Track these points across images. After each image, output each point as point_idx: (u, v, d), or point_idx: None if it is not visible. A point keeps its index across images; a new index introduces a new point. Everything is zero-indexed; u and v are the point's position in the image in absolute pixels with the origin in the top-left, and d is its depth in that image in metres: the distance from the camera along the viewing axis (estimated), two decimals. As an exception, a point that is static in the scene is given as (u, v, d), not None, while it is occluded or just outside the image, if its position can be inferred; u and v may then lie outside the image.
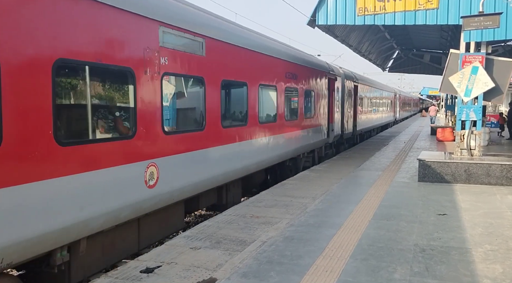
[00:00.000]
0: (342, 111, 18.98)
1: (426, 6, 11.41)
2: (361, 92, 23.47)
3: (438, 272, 5.10)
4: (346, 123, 19.62)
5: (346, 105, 19.59)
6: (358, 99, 22.53)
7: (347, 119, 19.89)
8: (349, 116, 20.25)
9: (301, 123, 13.67)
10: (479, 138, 11.41)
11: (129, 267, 5.30)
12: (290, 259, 5.51)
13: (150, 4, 6.50)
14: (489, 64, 10.87)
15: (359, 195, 9.33)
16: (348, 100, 20.04)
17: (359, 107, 22.72)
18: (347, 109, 19.90)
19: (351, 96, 20.75)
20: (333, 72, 17.47)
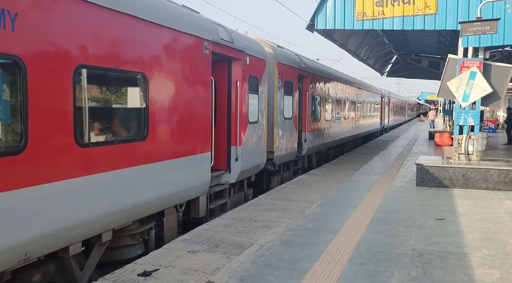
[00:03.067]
0: (268, 122, 11.34)
1: (424, 11, 11.48)
2: (315, 89, 15.43)
3: (436, 277, 5.10)
4: (279, 141, 11.90)
5: (276, 110, 11.66)
6: (309, 99, 14.46)
7: (283, 135, 12.22)
8: (288, 128, 12.55)
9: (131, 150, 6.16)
10: (477, 143, 11.45)
11: (127, 271, 5.29)
12: (288, 263, 5.51)
13: None
14: (487, 69, 10.92)
15: (357, 199, 9.34)
16: (285, 102, 12.32)
17: (308, 113, 14.54)
18: (280, 116, 12.00)
19: (292, 94, 12.88)
20: (226, 41, 8.50)
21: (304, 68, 13.93)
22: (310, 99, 14.86)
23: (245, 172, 9.72)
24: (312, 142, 15.14)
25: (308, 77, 14.40)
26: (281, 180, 12.58)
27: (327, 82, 17.13)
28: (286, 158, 12.60)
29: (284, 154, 12.38)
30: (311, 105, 15.00)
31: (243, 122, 9.48)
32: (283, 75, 12.09)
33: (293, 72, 12.93)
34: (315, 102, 15.67)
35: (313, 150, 15.45)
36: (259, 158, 10.45)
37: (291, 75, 12.76)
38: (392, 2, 11.73)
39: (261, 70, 10.43)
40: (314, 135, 15.51)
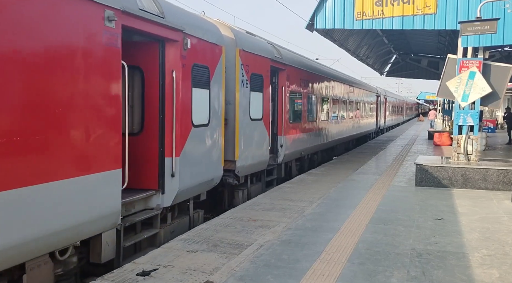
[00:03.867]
0: (228, 125, 9.30)
1: (424, 11, 11.47)
2: (295, 85, 13.30)
3: (435, 277, 5.10)
4: (244, 148, 9.70)
5: (238, 110, 9.47)
6: (286, 97, 12.32)
7: (250, 140, 10.03)
8: (256, 132, 10.41)
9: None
10: (476, 143, 11.45)
11: (125, 270, 5.28)
12: (287, 263, 5.50)
13: None
14: (486, 69, 10.92)
15: (357, 199, 9.34)
16: (252, 100, 10.15)
17: (285, 113, 12.38)
18: (245, 117, 9.82)
19: (263, 91, 10.68)
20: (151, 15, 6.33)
21: (279, 60, 11.63)
22: (288, 97, 12.53)
23: (188, 190, 7.34)
24: (290, 147, 12.80)
25: (285, 70, 12.13)
26: (248, 194, 10.19)
27: (311, 78, 14.93)
28: (254, 168, 10.31)
29: (252, 163, 10.01)
30: (289, 104, 12.78)
31: (184, 126, 7.06)
32: (250, 67, 9.73)
33: (263, 64, 10.57)
34: (294, 100, 13.51)
35: (293, 156, 13.25)
36: (211, 171, 8.06)
37: (261, 67, 10.41)
38: (392, 2, 11.73)
39: (214, 58, 8.04)
40: (294, 139, 13.17)
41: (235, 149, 9.32)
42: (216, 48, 8.19)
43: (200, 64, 7.60)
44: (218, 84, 8.29)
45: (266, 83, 10.82)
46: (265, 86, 10.75)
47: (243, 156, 9.62)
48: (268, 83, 10.92)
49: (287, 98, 12.43)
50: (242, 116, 9.57)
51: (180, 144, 7.00)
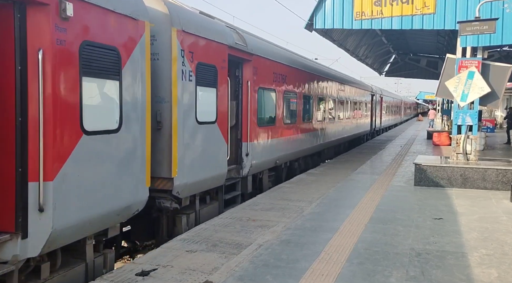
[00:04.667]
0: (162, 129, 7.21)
1: (423, 11, 11.48)
2: (267, 79, 11.11)
3: (434, 276, 5.11)
4: (186, 160, 7.47)
5: (177, 110, 7.20)
6: (253, 94, 10.23)
7: (197, 149, 7.86)
8: (207, 138, 8.21)
9: None
10: (475, 143, 11.47)
11: (125, 270, 5.28)
12: (287, 263, 5.51)
13: None
14: (485, 69, 10.94)
15: (356, 198, 9.34)
16: (199, 97, 7.97)
17: (252, 113, 10.27)
18: (188, 119, 7.59)
19: (217, 85, 8.48)
20: None
21: (242, 48, 9.41)
22: (256, 95, 10.35)
23: (75, 228, 5.14)
24: (260, 156, 10.59)
25: (250, 62, 9.93)
26: (196, 219, 8.09)
27: (289, 72, 12.71)
28: (205, 185, 8.11)
29: (201, 179, 7.85)
30: (258, 103, 10.55)
31: (64, 133, 4.90)
32: (195, 54, 7.58)
33: (217, 52, 8.34)
34: (266, 99, 11.14)
35: (264, 166, 11.01)
36: (124, 195, 5.87)
37: (213, 55, 8.19)
38: (391, 2, 11.73)
39: (128, 38, 5.89)
40: (265, 145, 10.94)
41: (171, 162, 7.01)
42: (132, 24, 5.93)
43: (100, 43, 5.37)
44: (137, 75, 6.05)
45: (222, 77, 8.51)
46: (221, 80, 8.46)
47: (185, 170, 7.30)
48: (224, 76, 8.62)
49: (254, 96, 10.26)
50: (183, 119, 7.24)
51: (56, 160, 4.76)
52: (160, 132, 7.09)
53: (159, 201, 7.23)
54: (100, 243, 6.04)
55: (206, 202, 8.59)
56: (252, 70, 10.10)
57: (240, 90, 9.87)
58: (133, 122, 6.04)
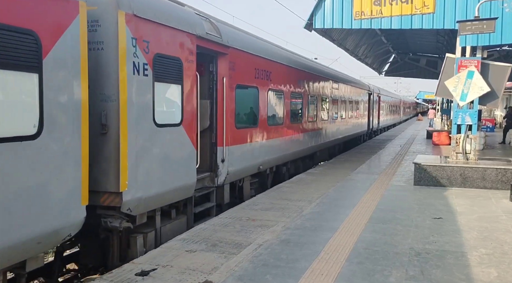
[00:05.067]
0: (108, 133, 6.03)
1: (422, 10, 11.48)
2: (246, 75, 9.98)
3: (434, 276, 5.11)
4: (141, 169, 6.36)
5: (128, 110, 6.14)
6: (229, 92, 9.10)
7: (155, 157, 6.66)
8: (169, 143, 7.03)
9: None
10: (474, 142, 11.47)
11: (124, 270, 5.28)
12: (286, 262, 5.51)
13: None
14: (485, 68, 10.94)
15: (355, 198, 9.35)
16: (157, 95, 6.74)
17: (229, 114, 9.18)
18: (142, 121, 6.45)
19: (181, 81, 7.31)
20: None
21: (216, 39, 8.29)
22: (234, 93, 9.23)
23: None
24: (239, 161, 9.53)
25: (226, 55, 8.84)
26: (157, 238, 6.96)
27: (275, 68, 11.59)
28: (167, 198, 6.96)
29: (161, 191, 6.72)
30: (237, 102, 9.41)
31: None
32: (152, 44, 6.52)
33: (183, 42, 7.24)
34: (245, 97, 10.07)
35: (244, 172, 9.93)
36: (43, 221, 4.84)
37: (177, 46, 7.09)
38: (390, 1, 11.73)
39: (52, 19, 4.91)
40: (245, 150, 9.85)
41: (119, 174, 5.90)
42: (58, 3, 4.98)
43: (7, 25, 4.36)
44: (68, 66, 5.08)
45: (189, 72, 7.38)
46: (187, 75, 7.32)
47: (139, 182, 6.23)
48: (192, 71, 7.47)
49: (231, 94, 9.10)
50: (135, 120, 6.13)
51: None
52: (106, 138, 5.91)
53: (105, 220, 6.08)
54: (21, 277, 5.07)
55: (171, 217, 7.38)
56: (228, 65, 8.93)
57: (215, 87, 8.67)
58: (62, 126, 4.97)
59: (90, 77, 5.64)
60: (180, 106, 7.24)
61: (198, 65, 7.90)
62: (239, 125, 9.56)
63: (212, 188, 8.68)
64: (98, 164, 5.91)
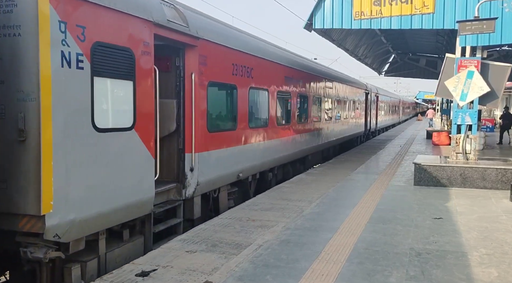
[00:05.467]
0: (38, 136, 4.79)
1: (422, 10, 11.48)
2: (215, 70, 8.56)
3: (434, 276, 5.10)
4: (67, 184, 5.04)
5: (49, 110, 4.85)
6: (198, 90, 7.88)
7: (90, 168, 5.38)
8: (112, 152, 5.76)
9: None
10: (474, 142, 11.47)
11: (124, 271, 5.28)
12: (286, 263, 5.50)
13: None
14: (485, 68, 10.94)
15: (356, 198, 9.34)
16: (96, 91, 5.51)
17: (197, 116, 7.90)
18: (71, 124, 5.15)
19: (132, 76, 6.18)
20: None
21: (182, 29, 7.18)
22: (206, 91, 8.10)
23: None
24: (214, 169, 8.46)
25: (196, 48, 7.70)
26: (100, 266, 5.81)
27: (257, 64, 10.41)
28: (113, 218, 5.78)
29: (104, 211, 5.56)
30: (209, 101, 8.23)
31: None
32: (90, 30, 5.39)
33: (135, 30, 6.09)
34: (221, 96, 9.07)
35: (220, 181, 8.79)
36: None
37: (126, 34, 5.93)
38: (390, 2, 11.74)
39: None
40: (221, 155, 8.74)
41: (40, 192, 4.74)
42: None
43: None
44: None
45: (144, 65, 6.27)
46: (141, 70, 6.21)
47: (72, 201, 5.10)
48: (148, 65, 6.39)
49: (202, 93, 7.98)
50: (65, 124, 5.02)
51: None
52: (24, 146, 4.76)
53: (25, 250, 4.89)
54: None
55: (123, 239, 6.19)
56: (198, 59, 7.75)
57: (182, 85, 7.56)
58: None
59: (4, 69, 4.74)
60: (132, 107, 6.08)
61: (162, 60, 7.23)
62: (213, 129, 8.43)
63: (178, 202, 7.54)
64: (14, 179, 4.78)
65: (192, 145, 7.67)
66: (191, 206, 7.85)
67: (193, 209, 7.87)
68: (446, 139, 21.22)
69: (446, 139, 21.22)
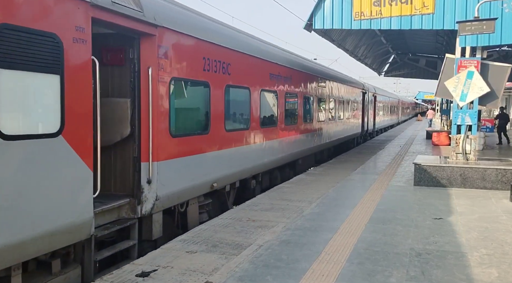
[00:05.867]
0: None
1: (422, 11, 11.49)
2: (180, 63, 7.29)
3: (434, 276, 5.11)
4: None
5: None
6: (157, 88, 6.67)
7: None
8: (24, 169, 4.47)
9: None
10: (474, 142, 11.47)
11: (125, 271, 5.28)
12: (287, 263, 5.50)
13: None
14: (485, 69, 10.95)
15: (356, 198, 9.34)
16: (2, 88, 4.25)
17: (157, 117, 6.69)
18: None
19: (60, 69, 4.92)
20: None
21: (133, 14, 6.03)
22: (168, 89, 6.88)
23: None
24: (179, 180, 7.23)
25: (153, 37, 6.52)
26: None
27: (236, 58, 9.26)
28: (29, 250, 4.59)
29: (14, 241, 4.38)
30: (172, 100, 7.02)
31: None
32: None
33: (61, 11, 4.96)
34: (188, 95, 7.82)
35: (188, 194, 7.55)
36: None
37: (49, 16, 4.80)
38: (390, 2, 11.74)
39: None
40: (188, 164, 7.48)
41: None
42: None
43: None
44: None
45: (77, 56, 5.16)
46: (73, 62, 5.09)
47: None
48: (84, 56, 5.26)
49: (163, 90, 6.75)
50: None
51: None
52: None
53: None
54: None
55: (52, 272, 5.08)
56: (157, 51, 6.56)
57: (137, 81, 6.39)
58: None
59: None
60: (59, 108, 4.90)
61: (114, 51, 6.27)
62: (178, 133, 7.23)
63: (132, 220, 6.33)
64: None
65: (149, 152, 6.45)
66: (149, 225, 6.64)
67: (152, 228, 6.64)
68: (446, 139, 21.22)
69: (446, 139, 21.22)
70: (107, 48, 5.97)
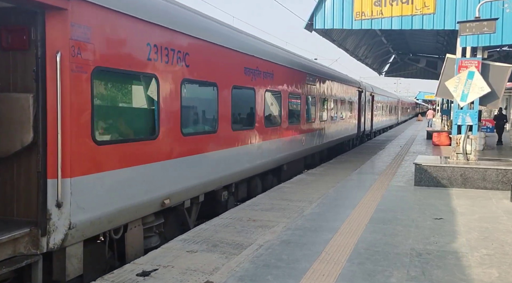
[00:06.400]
0: None
1: (422, 11, 11.49)
2: (112, 48, 5.64)
3: (435, 277, 5.11)
4: None
5: None
6: (76, 83, 5.03)
7: None
8: None
9: None
10: (475, 142, 11.47)
11: (125, 271, 5.28)
12: (287, 263, 5.51)
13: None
14: (485, 69, 10.95)
15: (356, 198, 9.34)
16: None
17: (70, 117, 4.97)
18: None
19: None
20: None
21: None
22: (89, 81, 5.24)
23: None
24: (108, 201, 5.59)
25: (64, 12, 4.88)
26: None
27: (199, 48, 7.71)
28: None
29: None
30: (96, 97, 5.40)
31: None
32: None
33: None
34: (123, 91, 6.18)
35: (121, 218, 5.89)
36: None
37: None
38: (391, 2, 11.74)
39: None
40: (124, 179, 5.87)
41: None
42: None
43: None
44: None
45: None
46: None
47: None
48: None
49: (82, 83, 5.16)
50: None
51: None
52: None
53: None
54: None
55: None
56: (69, 31, 4.92)
57: (42, 70, 4.83)
58: None
59: None
60: None
61: (13, 31, 4.91)
62: (105, 139, 5.64)
63: (33, 257, 4.79)
64: None
65: (58, 165, 4.80)
66: (61, 262, 5.06)
67: (65, 266, 5.06)
68: (446, 139, 21.21)
69: (446, 139, 21.21)
70: (7, 28, 4.69)
